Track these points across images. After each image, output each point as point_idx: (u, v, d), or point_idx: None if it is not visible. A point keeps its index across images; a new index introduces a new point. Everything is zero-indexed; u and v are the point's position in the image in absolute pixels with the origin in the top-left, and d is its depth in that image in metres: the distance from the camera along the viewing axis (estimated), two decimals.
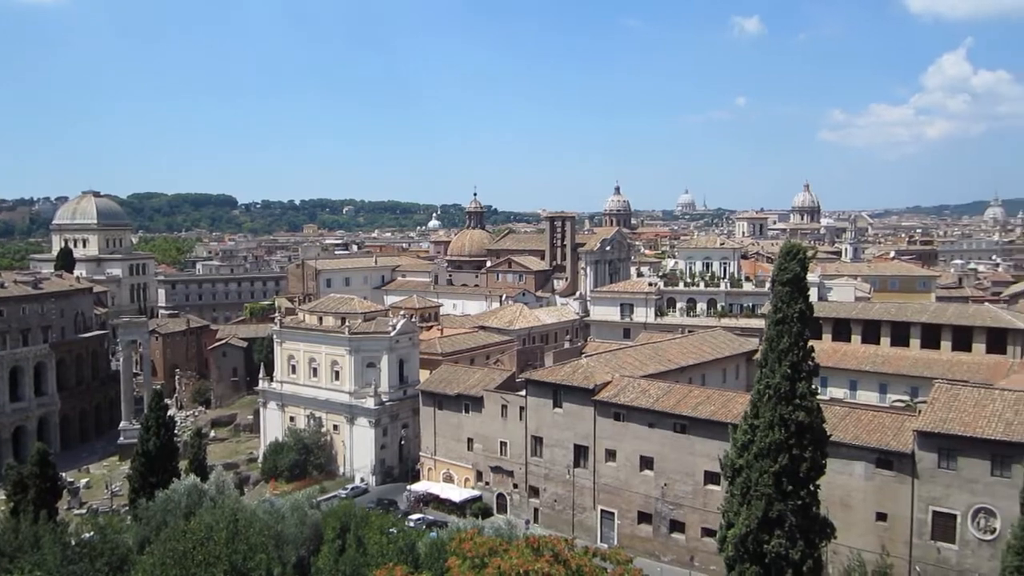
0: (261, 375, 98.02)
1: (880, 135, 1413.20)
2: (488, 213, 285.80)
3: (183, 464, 67.98)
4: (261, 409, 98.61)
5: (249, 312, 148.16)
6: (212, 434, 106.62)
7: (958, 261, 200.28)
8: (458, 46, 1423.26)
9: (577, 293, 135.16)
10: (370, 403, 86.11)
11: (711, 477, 57.47)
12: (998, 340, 74.11)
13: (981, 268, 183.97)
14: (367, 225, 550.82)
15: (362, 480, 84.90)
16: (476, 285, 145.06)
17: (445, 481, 77.93)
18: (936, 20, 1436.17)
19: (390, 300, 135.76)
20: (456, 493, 74.67)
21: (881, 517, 52.83)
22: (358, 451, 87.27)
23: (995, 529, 48.30)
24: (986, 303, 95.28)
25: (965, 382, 59.63)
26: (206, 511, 42.67)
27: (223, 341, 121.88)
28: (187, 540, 34.63)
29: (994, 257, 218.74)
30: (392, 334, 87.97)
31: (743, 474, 36.93)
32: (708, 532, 57.24)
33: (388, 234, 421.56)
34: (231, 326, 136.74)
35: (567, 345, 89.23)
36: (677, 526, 61.69)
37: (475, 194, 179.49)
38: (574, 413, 67.04)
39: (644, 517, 63.51)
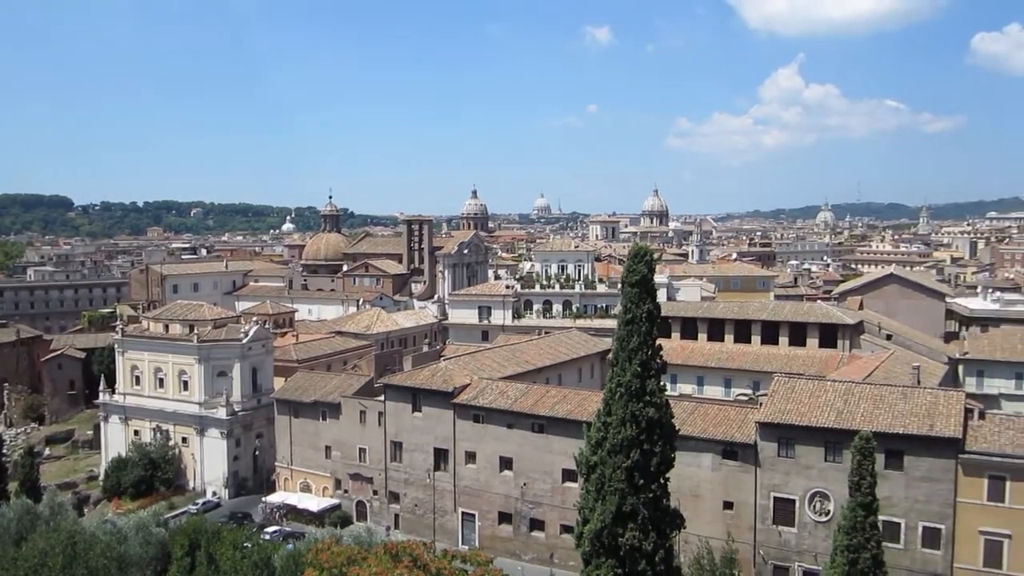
0: (102, 387, 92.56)
1: (723, 143, 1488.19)
2: (344, 216, 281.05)
3: (13, 486, 63.23)
4: (102, 424, 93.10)
5: (88, 321, 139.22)
6: (47, 452, 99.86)
7: (793, 262, 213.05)
8: (314, 45, 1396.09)
9: (435, 296, 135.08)
10: (221, 413, 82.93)
11: (569, 475, 58.65)
12: (829, 335, 79.25)
13: (814, 268, 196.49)
14: (217, 228, 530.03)
15: (214, 494, 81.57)
16: (332, 289, 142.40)
17: (302, 491, 75.97)
18: (771, 36, 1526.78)
19: (242, 306, 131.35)
20: (314, 503, 72.94)
21: (728, 505, 55.51)
22: (209, 464, 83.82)
23: (829, 511, 51.68)
24: (818, 301, 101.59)
25: (801, 375, 63.42)
26: (40, 535, 39.90)
27: (58, 352, 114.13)
28: (18, 568, 32.21)
29: (825, 258, 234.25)
30: (244, 341, 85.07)
31: (597, 470, 37.90)
32: (567, 529, 58.34)
33: (239, 237, 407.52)
34: (68, 336, 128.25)
35: (426, 349, 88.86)
36: (537, 524, 62.59)
37: (331, 197, 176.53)
38: (434, 417, 66.87)
39: (504, 517, 64.09)
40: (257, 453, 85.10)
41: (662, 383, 39.30)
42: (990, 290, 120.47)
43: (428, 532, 65.86)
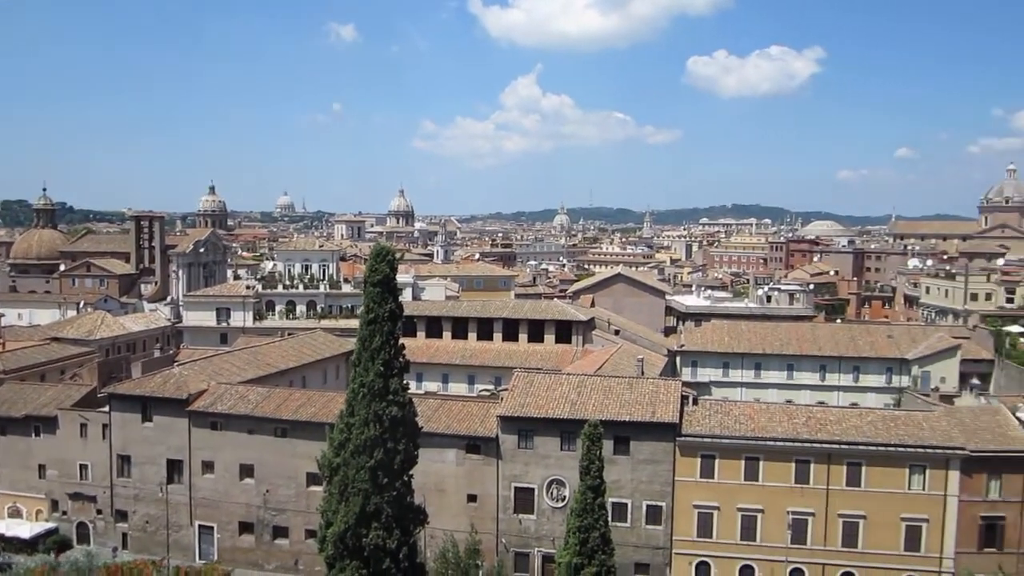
0: None
1: (466, 146, 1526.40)
2: (62, 211, 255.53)
3: None
4: None
5: None
6: None
7: (532, 262, 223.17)
8: (39, 25, 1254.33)
9: (168, 298, 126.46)
10: None
11: (313, 479, 57.23)
12: (565, 331, 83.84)
13: (551, 268, 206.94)
14: None
15: None
16: (47, 292, 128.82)
17: (12, 516, 67.94)
18: (512, 46, 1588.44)
19: None
20: (25, 529, 65.51)
21: (472, 498, 57.00)
22: None
23: (565, 497, 54.66)
24: (555, 299, 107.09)
25: (539, 369, 66.62)
26: None
27: None
28: None
29: (561, 258, 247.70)
30: None
31: (341, 472, 37.41)
32: (311, 534, 56.92)
33: None
34: None
35: (158, 354, 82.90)
36: (280, 532, 60.62)
37: (44, 189, 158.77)
38: (166, 426, 62.64)
39: (246, 527, 61.42)
40: None
41: (405, 382, 39.55)
42: (702, 288, 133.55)
43: (161, 549, 61.59)
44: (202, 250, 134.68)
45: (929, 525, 53.24)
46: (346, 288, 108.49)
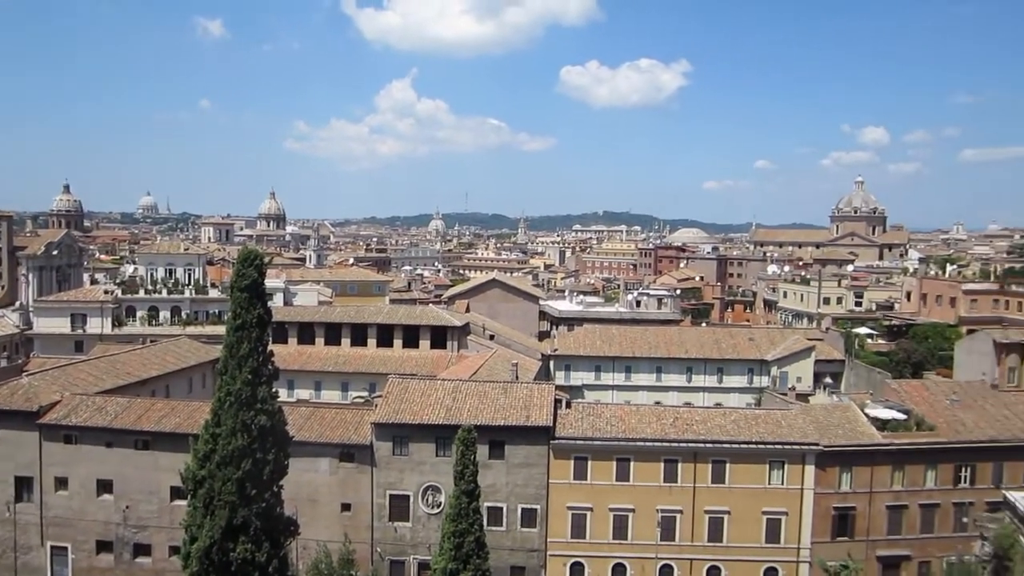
0: None
1: (341, 149, 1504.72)
2: None
3: None
4: None
5: None
6: None
7: (408, 267, 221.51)
8: None
9: (17, 303, 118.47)
10: None
11: (177, 493, 54.81)
12: (440, 336, 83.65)
13: (426, 273, 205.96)
14: None
15: None
16: None
17: None
18: (387, 49, 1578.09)
19: None
20: None
21: (346, 507, 55.97)
22: None
23: (440, 503, 54.42)
24: (430, 304, 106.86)
25: (414, 375, 66.07)
26: None
27: None
28: None
29: (436, 263, 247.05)
30: None
31: (206, 484, 35.90)
32: (176, 551, 54.29)
33: None
34: None
35: (5, 363, 77.77)
36: (142, 549, 57.66)
37: None
38: (13, 441, 58.49)
39: (104, 546, 58.07)
40: None
41: (275, 390, 38.39)
42: (575, 294, 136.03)
43: (8, 573, 57.60)
44: (55, 252, 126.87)
45: (788, 518, 56.02)
46: (213, 293, 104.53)
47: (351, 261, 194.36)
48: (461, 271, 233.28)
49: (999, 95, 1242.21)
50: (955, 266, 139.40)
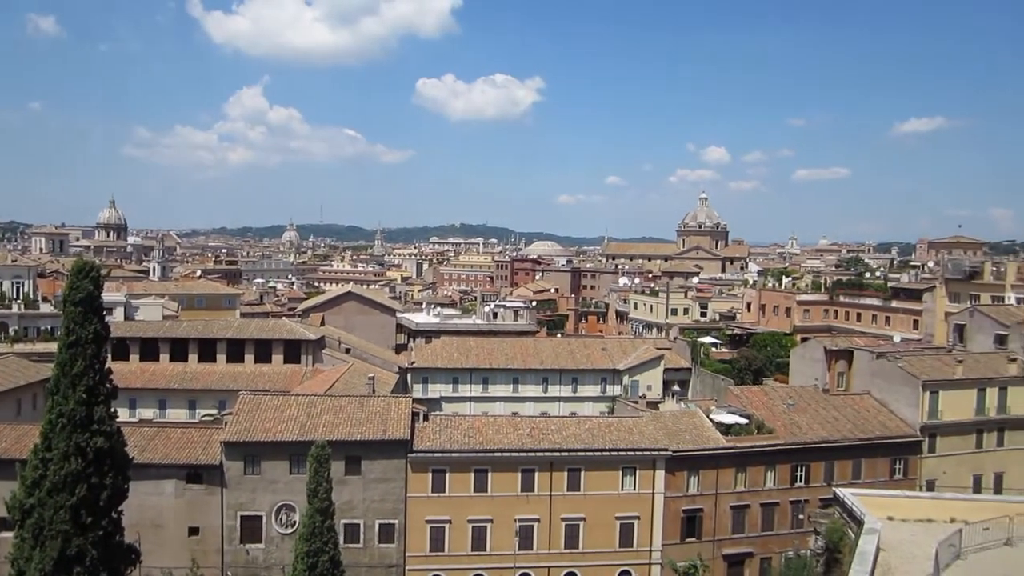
0: None
1: (187, 157, 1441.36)
2: None
3: None
4: None
5: None
6: None
7: (260, 280, 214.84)
8: None
9: None
10: None
11: (3, 523, 50.77)
12: (293, 351, 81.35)
13: (279, 286, 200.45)
14: None
15: None
16: None
17: None
18: (237, 54, 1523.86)
19: None
20: None
21: (194, 532, 53.47)
22: None
23: (294, 522, 52.88)
24: (283, 318, 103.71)
25: (267, 391, 63.98)
26: None
27: None
28: None
29: (290, 276, 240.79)
30: None
31: (35, 513, 33.31)
32: None
33: None
34: None
35: None
36: None
37: None
38: None
39: None
40: None
41: (114, 409, 36.17)
42: (432, 306, 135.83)
43: None
44: None
45: (640, 521, 57.84)
46: (45, 308, 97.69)
47: (199, 273, 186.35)
48: (316, 284, 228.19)
49: (826, 120, 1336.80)
50: (790, 278, 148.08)
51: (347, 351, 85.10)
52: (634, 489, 57.85)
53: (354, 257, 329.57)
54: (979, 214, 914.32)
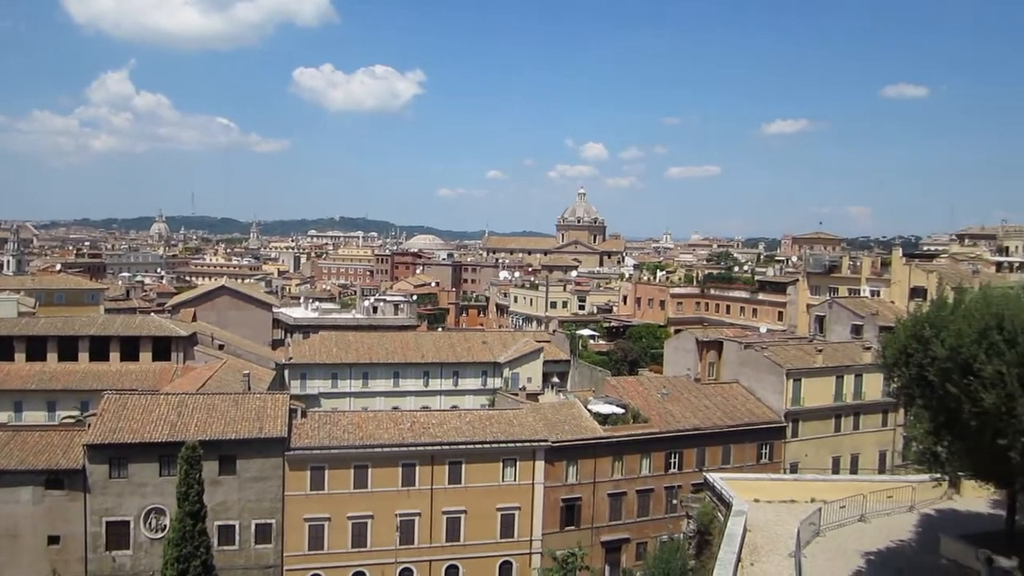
0: None
1: (45, 143, 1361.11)
2: None
3: None
4: None
5: None
6: None
7: (126, 274, 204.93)
8: None
9: None
10: None
11: None
12: (163, 348, 78.14)
13: (148, 280, 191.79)
14: None
15: None
16: None
17: None
18: (100, 36, 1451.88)
19: None
20: None
21: (54, 540, 50.76)
22: None
23: (165, 526, 50.86)
24: (152, 313, 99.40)
25: (134, 390, 61.17)
26: None
27: None
28: None
29: (159, 270, 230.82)
30: None
31: None
32: None
33: None
34: None
35: None
36: None
37: None
38: None
39: None
40: None
41: None
42: (311, 300, 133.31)
43: None
44: None
45: (520, 512, 58.63)
46: None
47: (59, 267, 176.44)
48: (187, 278, 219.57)
49: (699, 119, 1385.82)
50: (664, 272, 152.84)
51: (221, 347, 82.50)
52: (514, 480, 58.56)
53: (228, 250, 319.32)
54: (839, 211, 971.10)
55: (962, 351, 23.27)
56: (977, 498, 35.41)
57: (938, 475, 27.83)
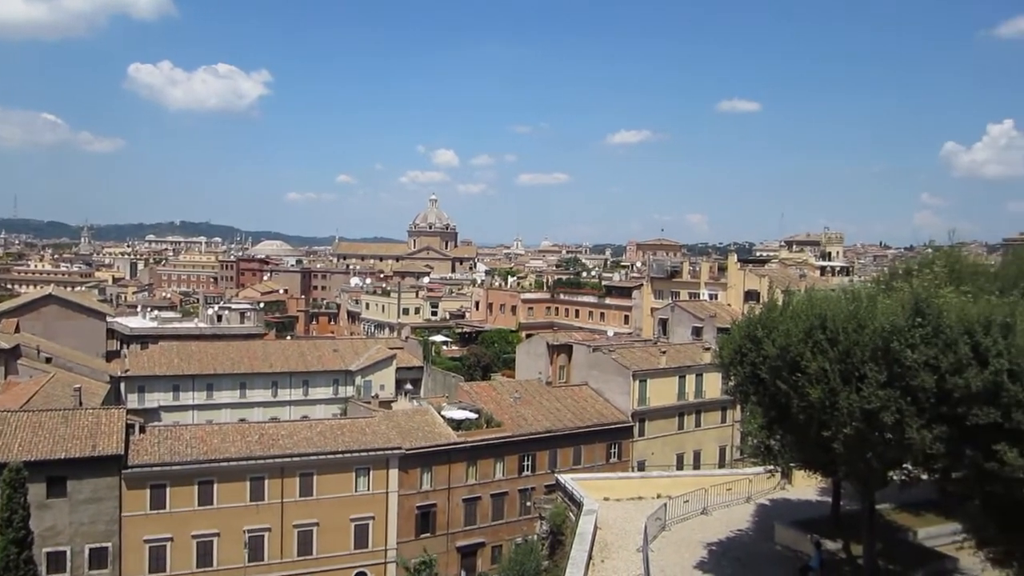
0: None
1: None
2: None
3: None
4: None
5: None
6: None
7: None
8: None
9: None
10: None
11: None
12: None
13: None
14: None
15: None
16: None
17: None
18: None
19: None
20: None
21: None
22: None
23: None
24: None
25: None
26: None
27: None
28: None
29: None
30: None
31: None
32: None
33: None
34: None
35: None
36: None
37: None
38: None
39: None
40: None
41: None
42: (149, 309, 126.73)
43: None
44: None
45: (375, 522, 57.92)
46: None
47: None
48: (9, 286, 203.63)
49: (548, 127, 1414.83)
50: (515, 278, 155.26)
51: (48, 360, 77.10)
52: (368, 490, 57.75)
53: (56, 256, 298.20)
54: (679, 219, 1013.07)
55: (790, 350, 24.78)
56: (807, 487, 37.93)
57: (771, 467, 29.46)
